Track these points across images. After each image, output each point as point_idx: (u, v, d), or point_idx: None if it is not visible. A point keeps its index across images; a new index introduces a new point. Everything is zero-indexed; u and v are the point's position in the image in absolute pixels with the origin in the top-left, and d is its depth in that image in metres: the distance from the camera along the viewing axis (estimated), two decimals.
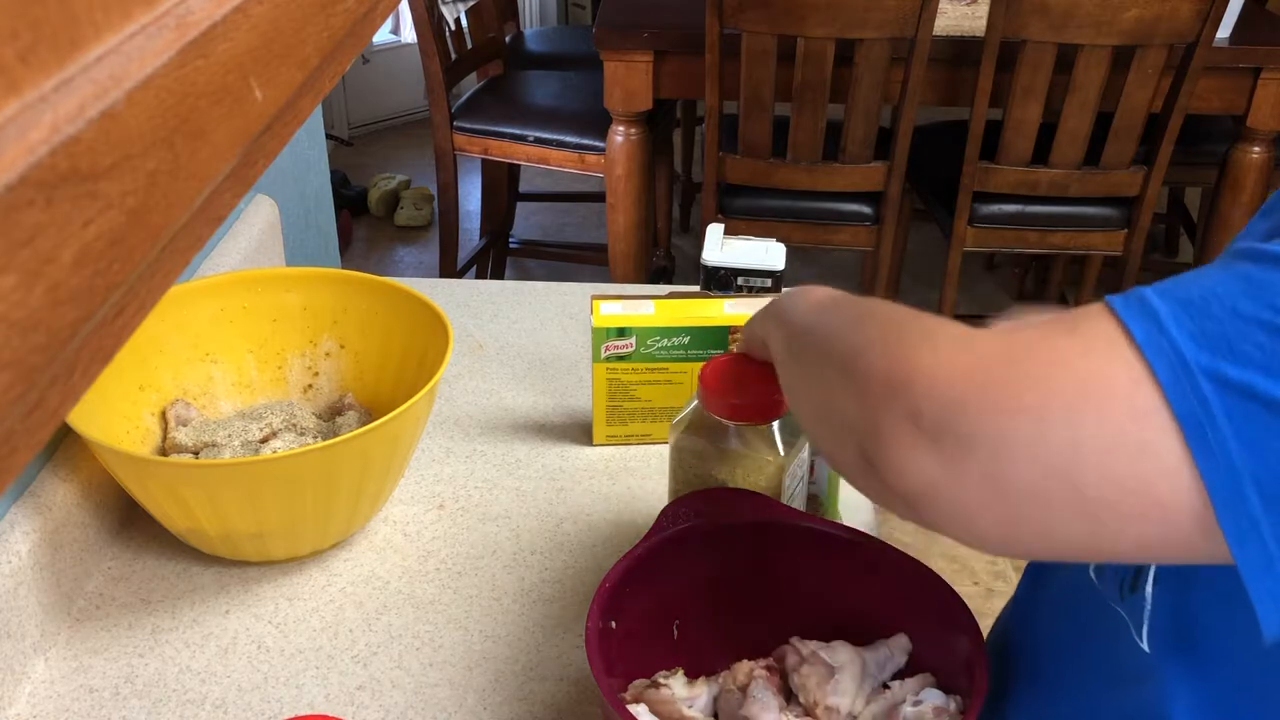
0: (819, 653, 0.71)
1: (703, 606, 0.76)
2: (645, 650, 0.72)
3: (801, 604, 0.76)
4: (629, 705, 0.66)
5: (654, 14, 2.29)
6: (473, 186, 3.37)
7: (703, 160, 2.22)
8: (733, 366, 0.84)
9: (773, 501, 0.78)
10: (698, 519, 0.75)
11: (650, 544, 0.73)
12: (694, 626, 0.76)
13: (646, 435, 1.04)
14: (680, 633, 0.76)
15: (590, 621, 0.67)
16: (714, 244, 1.08)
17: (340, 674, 0.81)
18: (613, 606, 0.69)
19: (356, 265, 3.08)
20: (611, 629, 0.69)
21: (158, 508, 0.85)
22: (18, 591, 0.77)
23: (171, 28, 0.28)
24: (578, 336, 1.20)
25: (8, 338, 0.22)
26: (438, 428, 1.06)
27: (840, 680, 0.69)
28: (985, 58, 2.04)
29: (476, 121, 2.53)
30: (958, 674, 0.68)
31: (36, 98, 0.23)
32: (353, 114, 4.06)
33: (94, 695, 0.79)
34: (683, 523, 0.75)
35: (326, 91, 0.42)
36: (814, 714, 0.69)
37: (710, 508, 0.76)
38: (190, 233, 0.31)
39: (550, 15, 4.46)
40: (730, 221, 2.19)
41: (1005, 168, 2.15)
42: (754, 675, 0.71)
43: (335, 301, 1.00)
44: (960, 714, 0.66)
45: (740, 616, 0.76)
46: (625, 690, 0.70)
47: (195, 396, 0.97)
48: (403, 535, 0.94)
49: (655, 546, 0.73)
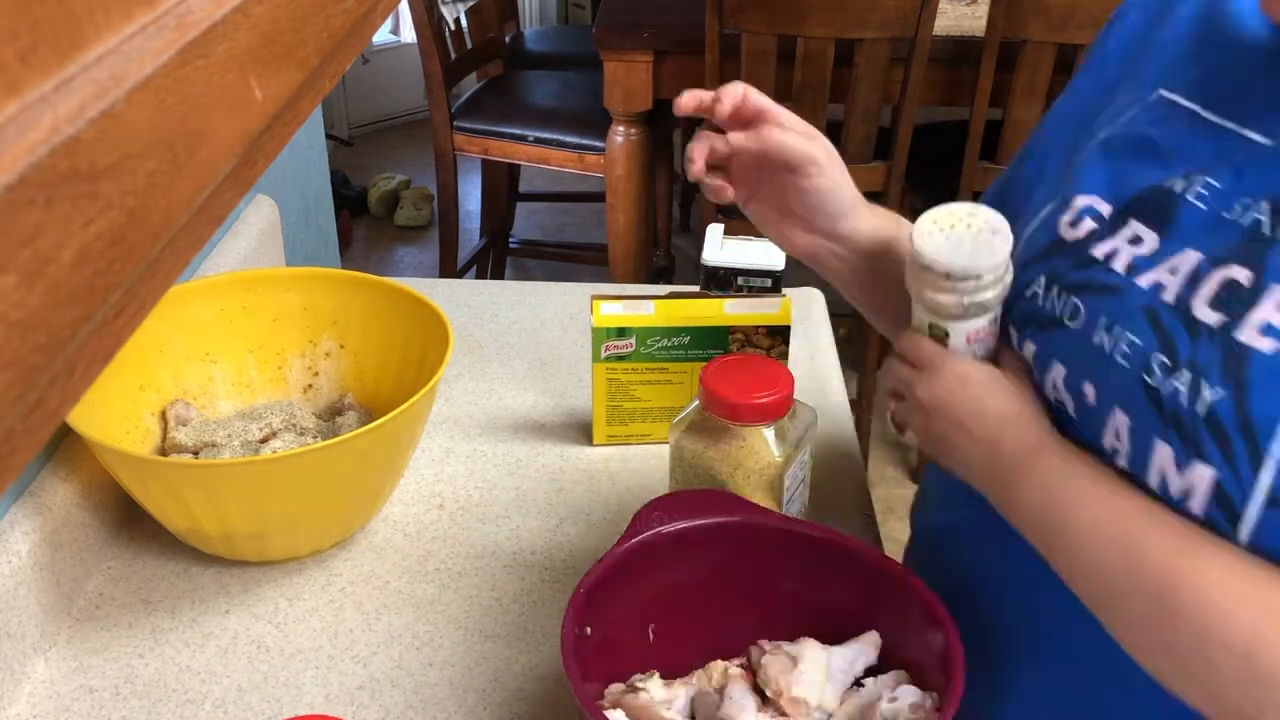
0: (782, 645, 0.72)
1: (677, 609, 0.76)
2: (621, 654, 0.72)
3: (775, 604, 0.76)
4: (606, 711, 0.66)
5: (654, 14, 2.29)
6: (473, 186, 3.37)
7: None
8: (733, 367, 0.84)
9: (744, 501, 0.78)
10: (670, 522, 0.75)
11: (623, 549, 0.73)
12: (669, 629, 0.76)
13: (646, 435, 1.04)
14: (656, 635, 0.76)
15: (565, 629, 0.67)
16: (714, 244, 1.08)
17: (340, 674, 0.81)
18: (587, 613, 0.69)
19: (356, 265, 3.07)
20: (587, 635, 0.69)
21: (158, 508, 0.85)
22: (18, 591, 0.77)
23: (171, 28, 0.28)
24: (578, 336, 1.20)
25: (8, 338, 0.22)
26: (438, 428, 1.06)
27: (804, 671, 0.69)
28: (985, 58, 2.04)
29: (476, 121, 2.53)
30: (934, 670, 0.68)
31: (36, 98, 0.23)
32: (353, 114, 4.06)
33: (94, 695, 0.79)
34: (655, 526, 0.75)
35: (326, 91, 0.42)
36: (780, 704, 0.69)
37: (682, 510, 0.76)
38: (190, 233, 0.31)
39: (550, 15, 4.46)
40: (730, 221, 2.19)
41: (1005, 168, 2.15)
42: (729, 675, 0.72)
43: (335, 301, 1.00)
44: (936, 710, 0.66)
45: (715, 617, 0.76)
46: (603, 696, 0.70)
47: (195, 396, 0.97)
48: (403, 535, 0.94)
49: (628, 552, 0.73)
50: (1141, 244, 0.64)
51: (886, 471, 2.51)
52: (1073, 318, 0.66)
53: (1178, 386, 0.59)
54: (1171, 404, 0.59)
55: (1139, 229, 0.64)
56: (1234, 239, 0.60)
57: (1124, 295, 0.63)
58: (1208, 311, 0.59)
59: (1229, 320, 0.58)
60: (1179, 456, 0.58)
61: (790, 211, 0.80)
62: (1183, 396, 0.58)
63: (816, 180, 0.77)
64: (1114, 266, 0.65)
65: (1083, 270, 0.66)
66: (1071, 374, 0.66)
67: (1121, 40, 0.75)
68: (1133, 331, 0.62)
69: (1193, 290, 0.60)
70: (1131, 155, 0.68)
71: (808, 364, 1.16)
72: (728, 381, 0.81)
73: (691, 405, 0.85)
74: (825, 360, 1.17)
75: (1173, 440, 0.59)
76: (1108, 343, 0.63)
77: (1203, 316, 0.59)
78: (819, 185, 0.77)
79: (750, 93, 0.78)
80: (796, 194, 0.78)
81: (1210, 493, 0.57)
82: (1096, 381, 0.64)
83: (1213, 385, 0.57)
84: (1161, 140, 0.66)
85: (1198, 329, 0.59)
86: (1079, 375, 0.65)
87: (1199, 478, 0.58)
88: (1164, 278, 0.62)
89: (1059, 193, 0.70)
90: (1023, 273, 0.70)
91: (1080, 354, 0.65)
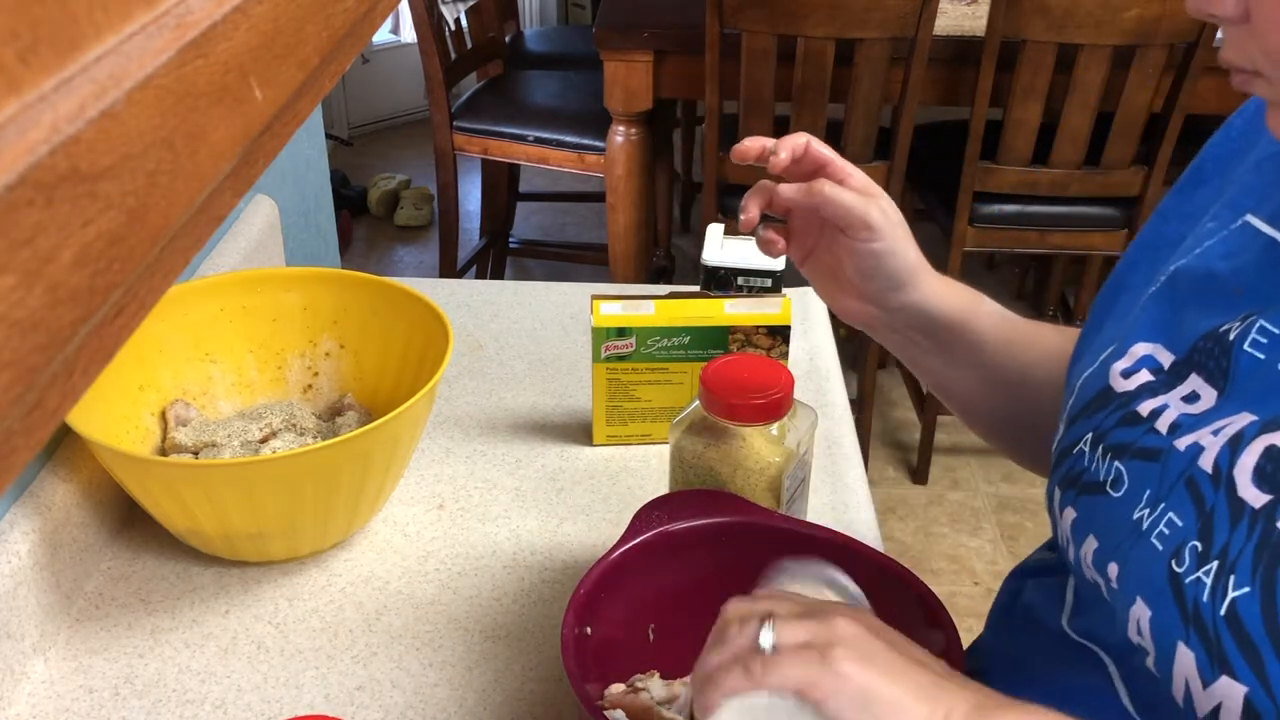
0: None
1: (677, 608, 0.76)
2: (621, 654, 0.72)
3: None
4: (606, 711, 0.66)
5: (654, 14, 2.29)
6: (473, 186, 3.37)
7: (703, 160, 2.22)
8: (733, 367, 0.84)
9: (745, 501, 0.78)
10: (670, 522, 0.75)
11: (623, 549, 0.73)
12: (669, 629, 0.75)
13: (646, 435, 1.04)
14: (656, 635, 0.76)
15: (565, 629, 0.67)
16: (714, 244, 1.08)
17: (340, 674, 0.81)
18: (587, 613, 0.69)
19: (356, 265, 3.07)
20: (587, 635, 0.69)
21: (157, 508, 0.85)
22: (17, 591, 0.77)
23: (171, 28, 0.28)
24: (578, 336, 1.20)
25: (8, 338, 0.22)
26: (438, 428, 1.06)
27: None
28: (985, 58, 2.04)
29: (476, 121, 2.53)
30: None
31: (36, 98, 0.23)
32: (353, 114, 4.06)
33: (94, 695, 0.79)
34: (655, 526, 0.75)
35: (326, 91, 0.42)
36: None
37: (682, 510, 0.76)
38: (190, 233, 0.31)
39: (550, 15, 4.46)
40: (730, 221, 2.19)
41: (1005, 168, 2.15)
42: None
43: (335, 301, 1.00)
44: None
45: (715, 617, 0.76)
46: (602, 696, 0.70)
47: (195, 396, 0.97)
48: (403, 535, 0.94)
49: (628, 552, 0.73)
50: (1197, 401, 0.55)
51: (886, 471, 2.51)
52: (1115, 485, 0.57)
53: (1201, 578, 0.50)
54: (1193, 598, 0.50)
55: (1198, 384, 0.56)
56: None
57: (1165, 462, 0.55)
58: (1251, 489, 0.50)
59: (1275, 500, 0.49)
60: (1204, 667, 0.49)
61: (843, 274, 0.73)
62: (1204, 589, 0.50)
63: (870, 245, 0.70)
64: (1158, 426, 0.56)
65: (1127, 429, 0.58)
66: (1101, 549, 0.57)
67: (1221, 155, 0.66)
68: (1176, 511, 0.53)
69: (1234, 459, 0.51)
70: (1196, 293, 0.59)
71: (808, 364, 1.16)
72: (728, 381, 0.81)
73: (691, 405, 0.85)
74: (825, 360, 1.17)
75: (1194, 644, 0.50)
76: (1147, 519, 0.54)
77: (1245, 495, 0.50)
78: (872, 250, 0.70)
79: (813, 144, 0.71)
80: (849, 257, 0.71)
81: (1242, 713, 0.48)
82: (1123, 562, 0.55)
83: (1240, 580, 0.49)
84: (1232, 276, 0.57)
85: (1242, 510, 0.50)
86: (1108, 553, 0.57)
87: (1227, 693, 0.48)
88: (1205, 439, 0.53)
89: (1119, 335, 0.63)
90: (1070, 427, 0.62)
91: (1116, 528, 0.56)
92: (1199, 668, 0.50)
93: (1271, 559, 0.48)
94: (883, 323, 0.74)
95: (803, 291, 1.28)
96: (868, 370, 2.40)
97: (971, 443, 2.58)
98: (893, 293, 0.72)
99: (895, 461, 2.55)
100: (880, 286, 0.71)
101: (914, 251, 0.71)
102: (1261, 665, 0.47)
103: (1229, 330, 0.55)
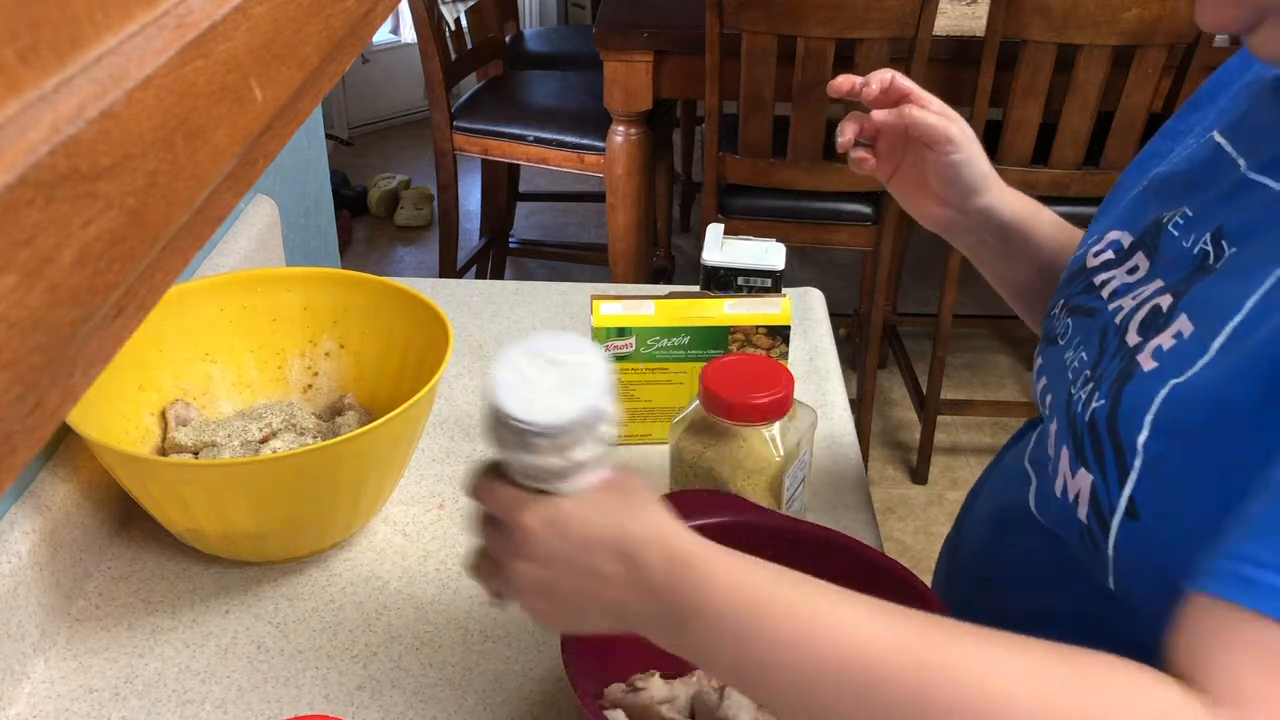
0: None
1: None
2: (621, 654, 0.72)
3: None
4: (606, 711, 0.66)
5: (654, 14, 2.29)
6: (473, 186, 3.37)
7: (703, 160, 2.22)
8: (733, 367, 0.84)
9: (744, 501, 0.78)
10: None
11: None
12: None
13: (646, 435, 1.04)
14: None
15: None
16: (714, 244, 1.08)
17: (340, 674, 0.81)
18: None
19: (356, 265, 3.07)
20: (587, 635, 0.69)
21: (157, 508, 0.85)
22: (18, 591, 0.77)
23: (171, 28, 0.28)
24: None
25: (8, 338, 0.22)
26: (438, 428, 1.06)
27: None
28: (985, 58, 2.04)
29: (476, 121, 2.53)
30: None
31: (36, 98, 0.23)
32: (353, 114, 4.06)
33: (94, 695, 0.79)
34: None
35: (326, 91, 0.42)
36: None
37: (682, 510, 0.76)
38: (190, 233, 0.31)
39: (550, 15, 4.46)
40: (730, 221, 2.19)
41: (1005, 168, 2.15)
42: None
43: (335, 301, 1.00)
44: None
45: None
46: (602, 696, 0.70)
47: (195, 396, 0.97)
48: (403, 535, 0.94)
49: None
50: (1136, 273, 0.68)
51: (886, 471, 2.51)
52: (1063, 336, 0.71)
53: (1081, 394, 0.63)
54: (1073, 409, 0.63)
55: (1140, 259, 0.68)
56: (1186, 269, 0.63)
57: (1097, 317, 0.68)
58: (1134, 334, 0.63)
59: (1142, 342, 0.62)
60: (1071, 460, 0.62)
61: (926, 185, 0.85)
62: (1079, 403, 0.63)
63: (951, 157, 0.81)
64: (1102, 292, 0.69)
65: (1084, 295, 0.71)
66: (1044, 388, 0.70)
67: (1216, 84, 0.77)
68: (1086, 349, 0.67)
69: (1134, 315, 0.64)
70: (1166, 191, 0.71)
71: (808, 364, 1.16)
72: (728, 381, 0.81)
73: (691, 405, 0.85)
74: (825, 360, 1.17)
75: (1069, 443, 0.63)
76: (1070, 358, 0.68)
77: (1129, 339, 0.63)
78: (953, 161, 0.81)
79: (897, 77, 0.83)
80: (933, 169, 0.83)
81: (1089, 499, 0.60)
82: (1052, 391, 0.69)
83: (1101, 396, 0.61)
84: (1186, 175, 0.69)
85: (1123, 348, 0.63)
86: (1048, 390, 0.70)
87: (1082, 482, 0.61)
88: (1126, 303, 0.66)
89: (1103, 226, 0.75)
90: (1054, 298, 0.75)
91: (1056, 369, 0.69)
92: (1069, 464, 0.62)
93: (1123, 380, 0.60)
94: (960, 226, 0.86)
95: (803, 291, 1.28)
96: (868, 370, 2.40)
97: (972, 443, 2.59)
98: (970, 198, 0.83)
99: (895, 461, 2.55)
100: (960, 192, 0.83)
101: (986, 163, 0.84)
102: (1103, 459, 0.59)
103: (1162, 215, 0.68)
